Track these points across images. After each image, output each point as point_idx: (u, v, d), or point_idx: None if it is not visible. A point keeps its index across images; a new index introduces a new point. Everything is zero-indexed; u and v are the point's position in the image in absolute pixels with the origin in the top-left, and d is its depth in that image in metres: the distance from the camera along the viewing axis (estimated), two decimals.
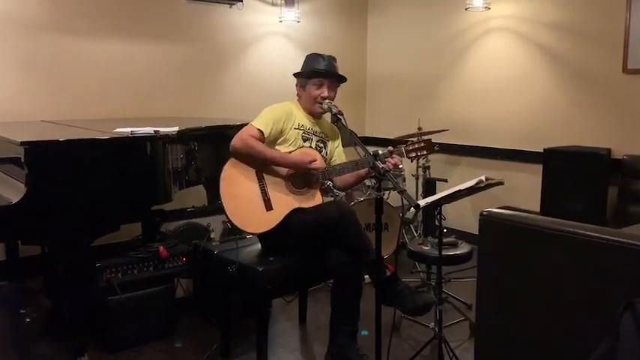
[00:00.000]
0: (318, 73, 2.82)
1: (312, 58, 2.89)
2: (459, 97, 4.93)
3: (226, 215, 2.67)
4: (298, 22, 5.01)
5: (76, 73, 4.00)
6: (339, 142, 3.02)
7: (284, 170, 2.75)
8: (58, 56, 3.92)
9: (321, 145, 2.90)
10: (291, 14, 4.91)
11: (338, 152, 2.99)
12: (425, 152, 2.80)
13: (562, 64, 4.22)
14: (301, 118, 2.85)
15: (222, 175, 2.69)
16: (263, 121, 2.72)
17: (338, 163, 2.88)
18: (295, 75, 2.91)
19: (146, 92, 4.31)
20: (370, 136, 5.62)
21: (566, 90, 4.21)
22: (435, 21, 5.06)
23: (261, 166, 2.72)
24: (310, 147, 2.84)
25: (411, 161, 2.91)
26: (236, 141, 2.68)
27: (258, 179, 2.72)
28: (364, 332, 2.28)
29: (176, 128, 3.02)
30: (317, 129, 2.90)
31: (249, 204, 2.68)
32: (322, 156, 2.88)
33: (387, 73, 5.59)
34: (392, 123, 5.39)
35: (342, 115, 2.61)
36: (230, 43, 4.76)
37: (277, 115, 2.76)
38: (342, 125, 2.57)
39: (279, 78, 4.84)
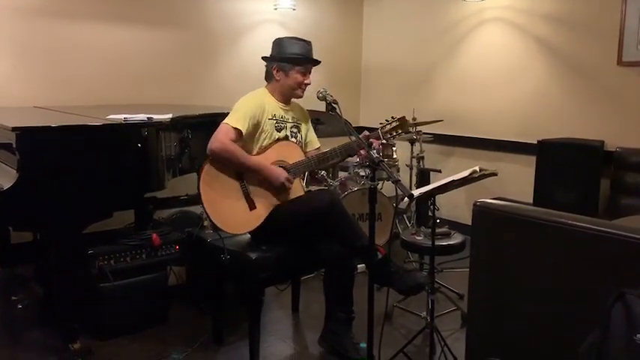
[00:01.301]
0: (306, 60, 2.79)
1: (292, 43, 2.81)
2: (453, 88, 4.92)
3: (210, 220, 2.64)
4: (294, 9, 4.97)
5: (70, 59, 3.96)
6: (310, 124, 3.01)
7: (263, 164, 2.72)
8: (51, 42, 3.88)
9: (295, 130, 2.88)
10: (286, 2, 4.86)
11: (310, 134, 2.98)
12: (400, 130, 2.75)
13: (557, 56, 4.22)
14: (273, 107, 2.80)
15: (202, 179, 2.62)
16: (240, 118, 2.65)
17: (314, 155, 2.82)
18: (273, 59, 2.81)
19: (140, 79, 4.28)
20: (365, 125, 5.60)
21: (561, 82, 4.21)
22: (431, 11, 5.04)
23: (239, 170, 2.69)
24: (285, 135, 2.81)
25: (387, 141, 2.88)
26: (215, 144, 2.60)
27: (238, 179, 2.68)
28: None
29: (170, 115, 3.00)
30: (289, 115, 2.86)
31: (232, 206, 2.65)
32: (298, 141, 2.86)
33: (382, 62, 5.57)
34: (386, 113, 5.27)
35: (336, 104, 2.59)
36: (224, 30, 4.73)
37: (253, 109, 2.70)
38: (336, 114, 2.56)
39: None
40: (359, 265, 2.81)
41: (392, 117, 2.76)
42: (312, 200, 2.73)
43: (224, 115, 2.76)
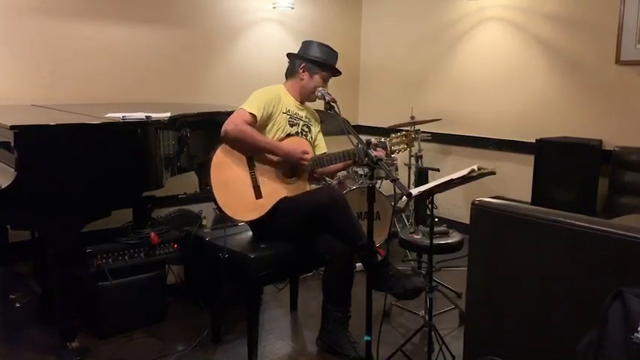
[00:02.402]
0: (333, 68, 2.87)
1: (323, 48, 2.88)
2: (452, 87, 4.92)
3: (215, 202, 2.66)
4: (292, 8, 4.97)
5: (68, 57, 3.95)
6: (319, 127, 3.04)
7: (274, 158, 2.75)
8: (49, 40, 3.87)
9: (306, 129, 2.91)
10: (285, 0, 4.85)
11: (319, 137, 3.01)
12: (406, 146, 2.86)
13: (555, 55, 4.22)
14: (288, 102, 2.86)
15: (213, 161, 2.67)
16: (255, 105, 2.70)
17: (327, 153, 2.87)
18: (303, 58, 2.86)
19: (138, 77, 4.27)
20: (363, 124, 5.61)
21: (560, 81, 4.21)
22: (430, 10, 5.03)
23: (253, 153, 2.71)
24: (297, 132, 2.84)
25: (392, 154, 2.93)
26: (229, 126, 2.65)
27: (249, 167, 2.71)
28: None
29: (168, 114, 3.00)
30: (302, 114, 2.91)
31: (240, 191, 2.68)
32: (308, 140, 2.88)
33: (380, 61, 5.57)
34: (385, 112, 5.38)
35: (335, 102, 2.61)
36: (223, 28, 4.72)
37: (268, 98, 2.75)
38: (334, 113, 2.56)
39: (271, 65, 4.80)
40: (357, 264, 2.82)
41: (402, 130, 2.86)
42: (315, 195, 2.75)
43: (222, 114, 2.77)
